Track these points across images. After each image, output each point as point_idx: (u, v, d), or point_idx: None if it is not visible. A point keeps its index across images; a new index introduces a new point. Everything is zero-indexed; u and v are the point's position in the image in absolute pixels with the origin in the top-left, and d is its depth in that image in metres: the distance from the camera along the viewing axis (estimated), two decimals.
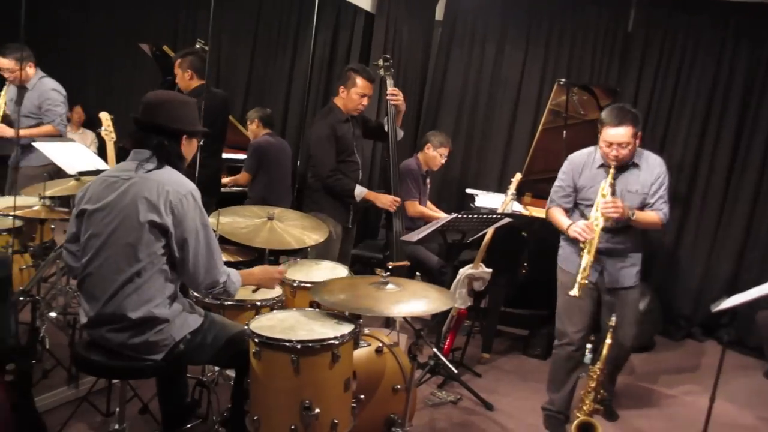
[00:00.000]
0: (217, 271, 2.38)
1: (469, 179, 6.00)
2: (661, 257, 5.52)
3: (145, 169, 2.32)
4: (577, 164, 3.32)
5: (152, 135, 2.36)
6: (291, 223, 3.26)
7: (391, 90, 4.08)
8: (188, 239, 2.29)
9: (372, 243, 5.05)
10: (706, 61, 5.27)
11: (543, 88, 5.75)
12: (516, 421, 3.58)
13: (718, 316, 5.24)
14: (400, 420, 2.72)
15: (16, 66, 4.37)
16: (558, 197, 3.37)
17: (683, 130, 5.37)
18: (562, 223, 3.29)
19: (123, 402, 2.52)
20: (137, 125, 2.40)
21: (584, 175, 3.29)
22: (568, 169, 3.35)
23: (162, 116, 2.36)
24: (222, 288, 2.41)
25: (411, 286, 2.67)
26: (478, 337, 4.59)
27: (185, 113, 2.43)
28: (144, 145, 2.37)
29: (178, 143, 2.41)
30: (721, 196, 5.34)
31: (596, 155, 3.28)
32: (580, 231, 3.11)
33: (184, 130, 2.41)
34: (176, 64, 4.29)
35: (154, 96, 2.41)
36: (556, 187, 3.40)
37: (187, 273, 2.34)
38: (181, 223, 2.28)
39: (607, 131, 3.11)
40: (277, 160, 5.04)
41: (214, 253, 2.38)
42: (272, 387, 2.33)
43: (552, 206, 3.39)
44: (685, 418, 3.86)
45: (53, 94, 4.53)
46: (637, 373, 4.54)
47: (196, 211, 2.32)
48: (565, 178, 3.35)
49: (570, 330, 3.36)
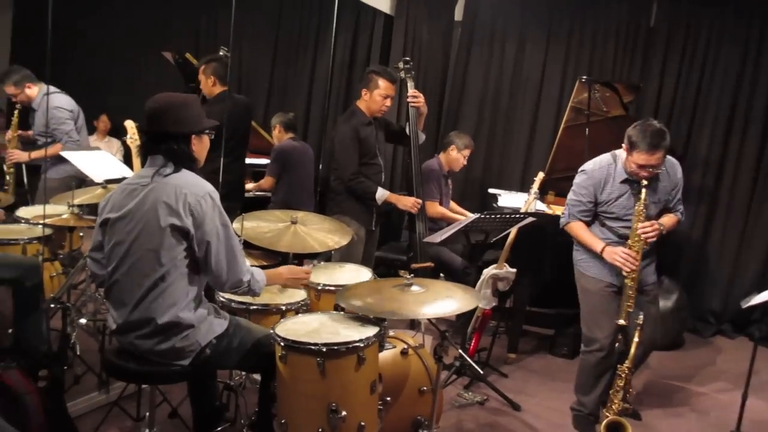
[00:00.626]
0: (240, 270, 2.39)
1: (491, 179, 5.97)
2: (689, 254, 5.44)
3: (162, 174, 2.35)
4: (598, 179, 3.22)
5: (161, 142, 2.38)
6: (314, 227, 3.27)
7: (411, 92, 4.08)
8: (209, 240, 2.31)
9: (395, 245, 5.05)
10: (731, 55, 5.19)
11: (564, 86, 5.71)
12: (544, 422, 3.55)
13: (749, 312, 5.15)
14: (427, 422, 2.72)
15: (17, 90, 4.42)
16: (577, 212, 3.29)
17: (708, 125, 5.30)
18: (594, 243, 3.21)
19: (153, 407, 2.55)
20: (145, 135, 2.42)
21: (606, 190, 3.21)
22: (587, 183, 3.24)
23: (166, 122, 2.36)
24: (247, 287, 2.42)
25: (435, 286, 2.67)
26: (503, 337, 4.57)
27: (188, 114, 2.41)
28: (156, 151, 2.39)
29: (188, 145, 2.41)
30: (749, 191, 5.26)
31: (617, 168, 3.20)
32: (623, 261, 3.05)
33: (191, 132, 2.41)
34: (200, 70, 4.34)
35: (154, 103, 2.38)
36: (573, 201, 3.29)
37: (210, 273, 2.36)
38: (201, 224, 2.30)
39: (640, 156, 3.00)
40: (299, 163, 5.07)
41: (236, 253, 2.39)
42: (298, 390, 2.34)
43: (572, 221, 3.31)
44: (717, 416, 3.80)
45: (56, 113, 4.48)
46: (668, 371, 4.49)
47: (215, 211, 2.34)
48: (586, 194, 3.24)
49: (600, 336, 3.29)
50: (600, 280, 3.28)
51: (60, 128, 4.50)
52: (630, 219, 3.15)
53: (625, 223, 3.19)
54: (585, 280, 3.35)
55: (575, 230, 3.31)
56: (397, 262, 4.64)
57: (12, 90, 4.46)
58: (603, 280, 3.28)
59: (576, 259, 3.41)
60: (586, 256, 3.34)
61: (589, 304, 3.34)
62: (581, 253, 3.37)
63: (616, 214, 3.21)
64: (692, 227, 5.41)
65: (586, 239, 3.26)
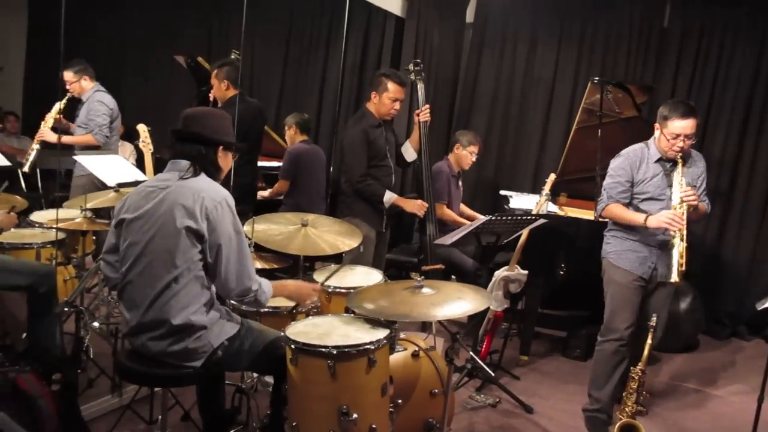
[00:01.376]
0: (249, 279, 2.41)
1: (503, 180, 5.95)
2: (703, 255, 5.39)
3: (182, 177, 2.38)
4: (634, 159, 3.32)
5: (190, 144, 2.43)
6: (325, 229, 3.28)
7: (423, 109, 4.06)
8: (221, 245, 2.33)
9: (406, 247, 5.04)
10: (745, 56, 5.14)
11: (577, 87, 5.68)
12: (556, 424, 3.53)
13: (765, 314, 5.06)
14: (439, 424, 2.71)
15: (74, 78, 4.60)
16: (616, 193, 3.34)
17: (723, 126, 5.25)
18: (635, 216, 3.27)
19: (165, 410, 2.56)
20: (176, 136, 2.47)
21: (641, 170, 3.30)
22: (625, 164, 3.33)
23: (200, 126, 2.44)
24: (253, 296, 2.43)
25: (446, 288, 2.66)
26: (515, 339, 4.55)
27: (222, 125, 2.51)
28: (182, 155, 2.43)
29: (215, 153, 2.47)
30: (764, 193, 5.21)
31: (650, 150, 3.31)
32: (670, 221, 3.09)
33: (221, 141, 2.47)
34: (213, 74, 4.39)
35: (193, 110, 2.49)
36: (612, 183, 3.35)
37: (219, 279, 2.37)
38: (215, 229, 2.32)
39: (674, 123, 3.15)
40: (311, 167, 5.08)
41: (246, 261, 2.41)
42: (309, 393, 2.34)
43: (611, 203, 3.35)
44: (732, 419, 3.77)
45: (96, 105, 4.70)
46: (682, 373, 4.45)
47: (230, 217, 2.37)
48: (623, 173, 3.32)
49: (621, 326, 3.35)
50: (630, 272, 3.33)
51: (95, 120, 4.68)
52: (663, 200, 3.25)
53: (660, 204, 3.26)
54: (614, 271, 3.39)
55: (615, 211, 3.34)
56: (408, 264, 4.64)
57: (70, 77, 4.69)
58: (633, 272, 3.33)
59: (606, 251, 3.44)
60: (618, 249, 3.38)
61: (615, 295, 3.38)
62: (613, 246, 3.41)
63: (650, 194, 3.28)
64: (707, 229, 5.37)
65: (627, 216, 3.30)
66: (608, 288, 3.44)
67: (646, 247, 3.32)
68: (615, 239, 3.41)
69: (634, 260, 3.33)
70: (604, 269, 3.47)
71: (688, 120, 3.14)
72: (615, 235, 3.41)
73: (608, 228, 3.48)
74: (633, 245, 3.34)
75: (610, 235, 3.44)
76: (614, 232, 3.42)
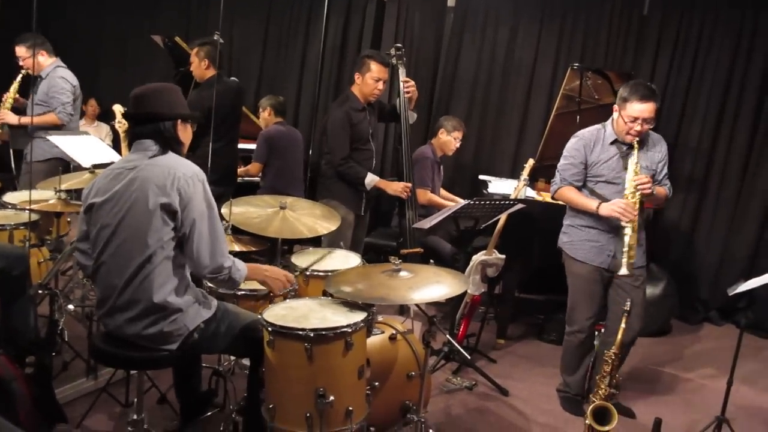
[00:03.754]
0: (222, 255, 2.38)
1: (482, 165, 5.97)
2: (677, 241, 5.47)
3: (148, 155, 2.36)
4: (588, 140, 3.29)
5: (148, 122, 2.39)
6: (303, 212, 3.27)
7: (404, 79, 4.07)
8: (194, 221, 2.31)
9: (385, 231, 5.05)
10: (724, 44, 5.18)
11: (556, 73, 5.69)
12: (532, 406, 3.58)
13: (736, 300, 5.19)
14: (415, 406, 2.73)
15: (27, 53, 4.43)
16: (569, 175, 3.31)
17: (700, 112, 5.30)
18: (587, 203, 3.23)
19: (141, 392, 2.55)
20: (132, 119, 2.44)
21: (595, 151, 3.27)
22: (579, 145, 3.30)
23: (153, 104, 2.40)
24: (227, 274, 2.39)
25: (424, 272, 2.67)
26: (492, 323, 4.59)
27: (174, 98, 2.46)
28: (142, 135, 2.40)
29: (174, 128, 2.43)
30: (738, 180, 5.28)
31: (606, 132, 3.28)
32: (622, 211, 3.04)
33: (177, 114, 2.43)
34: (193, 52, 4.34)
35: (140, 90, 2.43)
36: (565, 165, 3.33)
37: (191, 256, 2.34)
38: (188, 204, 2.30)
39: (632, 106, 3.10)
40: (288, 149, 5.04)
41: (219, 236, 2.38)
42: (286, 375, 2.34)
43: (563, 185, 3.33)
44: (702, 402, 3.84)
45: (59, 81, 4.55)
46: (655, 357, 4.53)
47: (202, 192, 2.34)
48: (576, 155, 3.29)
49: (582, 318, 3.39)
50: (585, 263, 3.33)
51: (58, 97, 4.52)
52: (619, 183, 3.21)
53: (615, 187, 3.23)
54: (572, 263, 3.39)
55: (567, 194, 3.32)
56: (387, 247, 4.64)
57: (23, 52, 4.50)
58: (590, 263, 3.32)
59: (562, 241, 3.44)
60: (573, 239, 3.37)
61: (575, 288, 3.40)
62: (569, 236, 3.40)
63: (605, 177, 3.25)
64: (681, 215, 5.44)
65: (579, 201, 3.28)
66: (568, 280, 3.43)
67: (602, 234, 3.28)
68: (571, 229, 3.38)
69: (590, 250, 3.30)
70: (563, 259, 3.45)
71: (648, 104, 3.08)
72: (571, 224, 3.38)
73: (565, 216, 3.46)
74: (589, 234, 3.30)
75: (567, 225, 3.42)
76: (570, 220, 3.39)
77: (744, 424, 3.49)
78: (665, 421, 3.01)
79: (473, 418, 3.40)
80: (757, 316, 5.10)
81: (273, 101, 5.19)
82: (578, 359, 3.48)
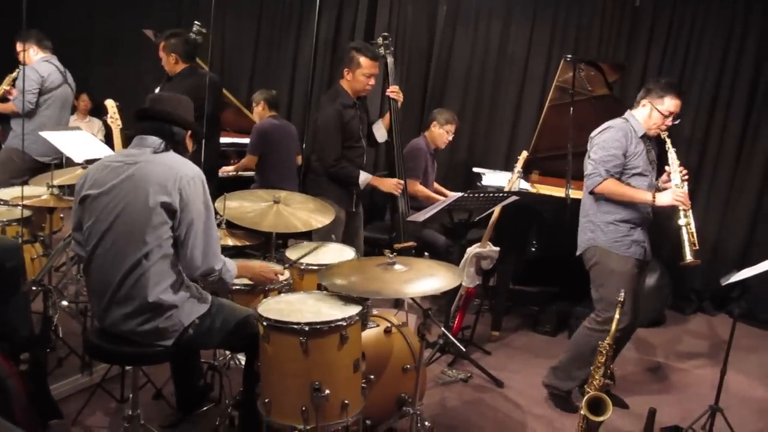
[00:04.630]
0: (215, 257, 2.39)
1: (475, 158, 5.97)
2: (671, 231, 5.46)
3: (150, 152, 2.36)
4: (626, 131, 3.31)
5: (164, 121, 2.41)
6: (297, 206, 3.26)
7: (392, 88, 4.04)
8: (191, 222, 2.31)
9: (379, 224, 5.04)
10: (716, 35, 5.20)
11: (550, 65, 5.69)
12: (527, 398, 3.59)
13: (729, 290, 5.22)
14: (411, 399, 2.74)
15: (20, 48, 4.51)
16: (612, 167, 3.25)
17: (693, 104, 5.31)
18: (642, 194, 3.24)
19: (136, 388, 2.54)
20: (148, 115, 2.43)
21: (632, 143, 3.31)
22: (619, 136, 3.27)
23: (172, 108, 2.44)
24: (218, 275, 2.40)
25: (418, 265, 2.67)
26: (487, 315, 4.60)
27: (190, 111, 2.53)
28: (152, 131, 2.40)
29: (184, 137, 2.47)
30: (731, 171, 5.30)
31: (633, 125, 3.33)
32: (683, 199, 3.19)
33: (192, 125, 2.49)
34: (160, 47, 4.16)
35: (161, 94, 2.56)
36: (608, 156, 3.25)
37: (185, 257, 2.34)
38: (187, 204, 2.30)
39: (672, 101, 3.25)
40: (281, 143, 5.02)
41: (213, 239, 2.38)
42: (282, 369, 2.35)
43: (608, 176, 3.26)
44: (696, 391, 3.87)
45: (28, 71, 4.55)
46: (648, 347, 4.55)
47: (202, 194, 2.35)
48: (619, 146, 3.27)
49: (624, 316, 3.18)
50: (629, 258, 3.30)
51: (19, 85, 4.56)
52: (648, 175, 3.33)
53: (645, 179, 3.31)
54: (613, 260, 3.30)
55: (615, 187, 3.26)
56: (381, 241, 4.65)
57: (19, 47, 4.58)
58: (632, 257, 3.31)
59: (600, 239, 3.32)
60: (614, 236, 3.30)
61: (616, 283, 3.22)
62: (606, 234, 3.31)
63: (641, 168, 3.29)
64: None
65: (631, 193, 3.27)
66: (606, 279, 3.31)
67: (636, 228, 3.32)
68: (609, 226, 3.31)
69: (631, 245, 3.30)
70: (596, 260, 3.34)
71: (682, 98, 3.28)
72: (607, 221, 3.31)
73: (594, 214, 3.36)
74: (627, 230, 3.30)
75: (600, 222, 3.33)
76: (604, 217, 3.32)
77: (737, 413, 3.51)
78: (659, 411, 3.03)
79: (468, 410, 3.41)
80: (750, 306, 5.13)
81: (266, 95, 5.16)
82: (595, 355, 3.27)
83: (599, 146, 3.30)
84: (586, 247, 3.38)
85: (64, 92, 4.76)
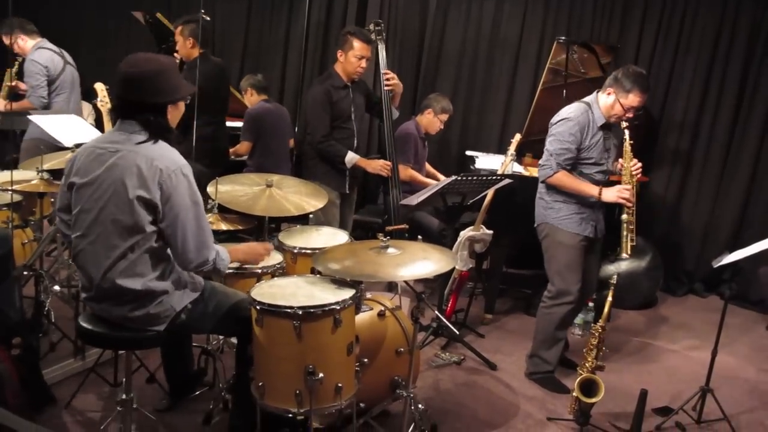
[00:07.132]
0: (208, 249, 2.33)
1: (468, 141, 5.95)
2: (663, 213, 5.51)
3: (134, 141, 2.25)
4: (583, 124, 3.31)
5: (136, 111, 2.27)
6: (290, 190, 3.25)
7: (384, 71, 4.03)
8: (177, 215, 2.24)
9: (372, 208, 5.04)
10: (709, 16, 5.17)
11: (543, 47, 5.65)
12: (519, 380, 3.61)
13: (720, 272, 5.25)
14: (404, 382, 2.75)
15: (9, 40, 4.38)
16: (563, 160, 3.32)
17: (685, 86, 5.31)
18: (588, 190, 3.32)
19: (129, 372, 2.53)
20: (119, 100, 2.31)
21: (589, 135, 3.33)
22: (575, 130, 3.29)
23: (144, 92, 2.25)
24: (212, 266, 2.35)
25: (412, 248, 2.67)
26: (480, 298, 4.62)
27: (167, 83, 2.29)
28: (129, 117, 2.28)
29: (164, 115, 2.32)
30: (724, 153, 5.31)
31: (594, 115, 3.33)
32: (628, 198, 3.22)
33: (168, 101, 2.32)
34: (177, 31, 4.20)
35: (132, 68, 2.25)
36: (560, 150, 3.31)
37: (176, 251, 2.29)
38: (169, 199, 2.22)
39: (636, 97, 3.22)
40: (274, 127, 4.99)
41: (205, 231, 2.32)
42: (275, 353, 2.35)
43: (559, 170, 3.33)
44: (687, 372, 3.90)
45: (29, 66, 4.46)
46: (640, 329, 4.58)
47: (186, 187, 2.26)
48: (573, 140, 3.29)
49: (573, 288, 3.42)
50: (577, 234, 3.40)
51: (28, 81, 4.45)
52: (602, 164, 3.37)
53: (599, 168, 3.38)
54: (561, 235, 3.42)
55: (565, 180, 3.34)
56: (374, 224, 4.64)
57: (6, 39, 4.48)
58: (580, 234, 3.40)
59: (550, 217, 3.45)
60: (562, 213, 3.41)
61: (564, 258, 3.42)
62: (557, 211, 3.43)
63: (594, 159, 3.35)
64: (667, 188, 5.47)
65: (579, 187, 3.34)
66: (555, 251, 3.45)
67: (584, 206, 3.39)
68: (558, 203, 3.42)
69: (579, 222, 3.40)
70: (546, 233, 3.47)
71: (647, 94, 3.26)
72: (557, 200, 3.42)
73: (545, 193, 3.47)
74: (576, 207, 3.39)
75: (552, 200, 3.44)
76: (554, 196, 3.43)
77: (728, 394, 3.55)
78: (651, 392, 3.05)
79: (462, 393, 3.43)
80: (741, 288, 5.17)
81: (251, 80, 5.11)
82: (562, 330, 3.52)
83: (555, 138, 3.36)
84: (539, 222, 3.54)
85: (69, 73, 4.71)
